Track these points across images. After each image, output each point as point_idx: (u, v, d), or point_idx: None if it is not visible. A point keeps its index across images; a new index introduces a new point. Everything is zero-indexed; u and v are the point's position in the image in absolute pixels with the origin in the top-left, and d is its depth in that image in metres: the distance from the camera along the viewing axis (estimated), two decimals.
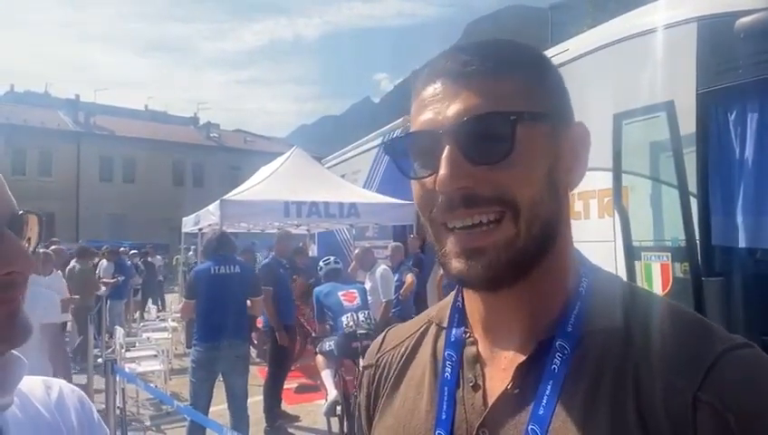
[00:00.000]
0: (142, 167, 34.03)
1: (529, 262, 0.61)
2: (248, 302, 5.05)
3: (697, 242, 3.01)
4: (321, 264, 6.10)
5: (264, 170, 9.16)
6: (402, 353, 0.77)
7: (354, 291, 5.54)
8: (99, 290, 9.41)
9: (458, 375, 0.67)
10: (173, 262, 21.01)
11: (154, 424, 6.04)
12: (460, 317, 0.72)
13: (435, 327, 0.75)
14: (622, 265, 3.30)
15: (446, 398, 0.66)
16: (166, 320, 10.29)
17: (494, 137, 0.58)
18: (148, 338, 8.67)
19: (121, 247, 14.82)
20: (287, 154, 9.16)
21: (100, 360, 6.69)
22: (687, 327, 0.59)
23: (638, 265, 3.34)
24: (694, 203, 3.04)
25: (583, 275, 0.65)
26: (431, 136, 0.60)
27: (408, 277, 6.70)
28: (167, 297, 15.71)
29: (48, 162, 31.37)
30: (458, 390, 0.66)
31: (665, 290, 3.24)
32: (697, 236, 3.01)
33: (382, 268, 6.53)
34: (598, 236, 3.54)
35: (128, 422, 5.23)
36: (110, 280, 10.34)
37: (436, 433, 0.65)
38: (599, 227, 3.61)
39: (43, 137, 30.77)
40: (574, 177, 0.65)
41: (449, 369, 0.68)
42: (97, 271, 10.47)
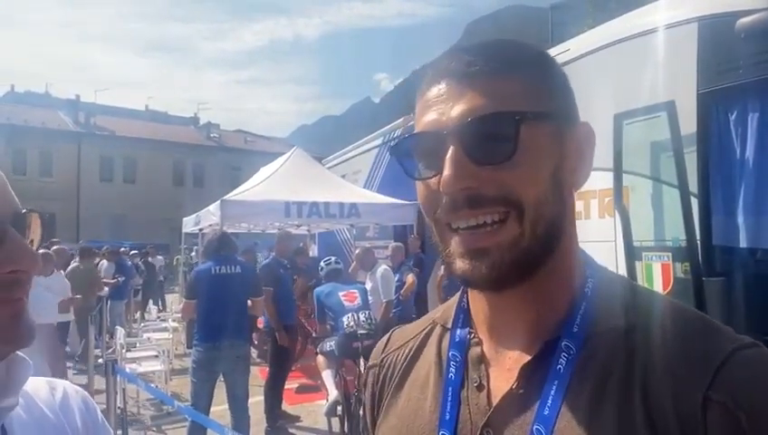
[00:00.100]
0: (143, 167, 34.06)
1: (534, 262, 0.61)
2: (249, 302, 5.06)
3: (698, 242, 3.01)
4: (321, 264, 6.10)
5: (265, 171, 9.16)
6: (407, 354, 0.77)
7: (355, 291, 5.54)
8: (102, 290, 9.41)
9: (463, 376, 0.67)
10: (173, 262, 21.02)
11: (155, 424, 6.04)
12: (465, 318, 0.72)
13: (439, 328, 0.75)
14: (623, 265, 3.30)
15: (450, 398, 0.66)
16: (166, 320, 10.30)
17: (498, 137, 0.58)
18: (148, 338, 8.67)
19: (122, 248, 14.84)
20: (288, 154, 9.16)
21: (100, 360, 6.70)
22: (695, 327, 0.59)
23: (638, 266, 3.34)
24: (695, 203, 3.04)
25: (589, 276, 0.65)
26: (435, 137, 0.60)
27: (409, 277, 6.70)
28: (167, 297, 15.72)
29: (48, 162, 31.40)
30: (463, 390, 0.66)
31: (666, 290, 3.23)
32: (698, 236, 3.01)
33: (383, 268, 6.53)
34: (598, 236, 3.54)
35: (128, 423, 5.23)
36: (110, 280, 10.35)
37: (440, 433, 0.65)
38: (599, 227, 3.61)
39: (44, 137, 30.78)
40: (579, 176, 0.65)
41: (453, 369, 0.68)
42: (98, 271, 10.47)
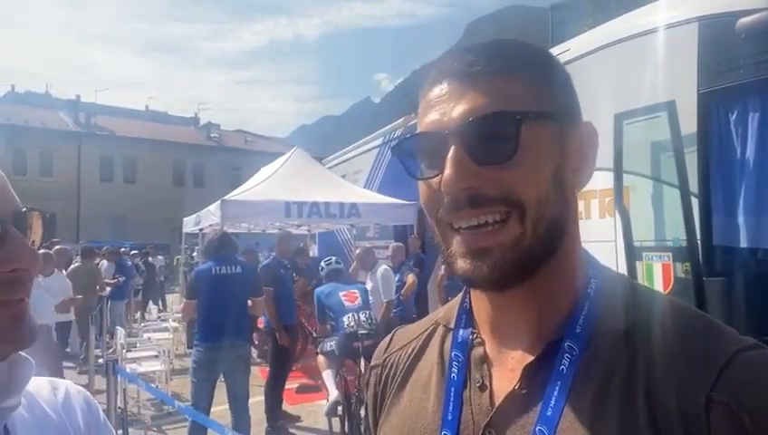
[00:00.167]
0: (143, 167, 34.07)
1: (535, 261, 0.60)
2: (249, 302, 5.06)
3: (699, 242, 3.00)
4: (322, 264, 6.09)
5: (265, 171, 9.16)
6: (409, 354, 0.77)
7: (355, 291, 5.54)
8: (105, 289, 9.41)
9: (465, 376, 0.67)
10: (174, 262, 21.01)
11: (155, 424, 6.04)
12: (467, 318, 0.72)
13: (442, 328, 0.75)
14: (623, 265, 3.30)
15: (452, 398, 0.66)
16: (167, 320, 10.29)
17: (500, 137, 0.58)
18: (149, 338, 8.66)
19: (122, 248, 14.84)
20: (288, 154, 9.16)
21: (101, 360, 6.70)
22: (698, 328, 0.59)
23: (639, 265, 3.34)
24: (695, 203, 3.04)
25: (592, 276, 0.65)
26: (437, 137, 0.60)
27: (410, 277, 6.70)
28: (168, 297, 15.71)
29: (49, 163, 31.41)
30: (465, 390, 0.66)
31: (666, 290, 3.23)
32: (699, 236, 3.01)
33: (383, 268, 6.53)
34: (599, 236, 3.54)
35: (129, 423, 5.23)
36: (110, 281, 10.35)
37: (443, 433, 0.65)
38: (600, 227, 3.61)
39: (44, 137, 30.79)
40: (582, 176, 0.65)
41: (456, 369, 0.68)
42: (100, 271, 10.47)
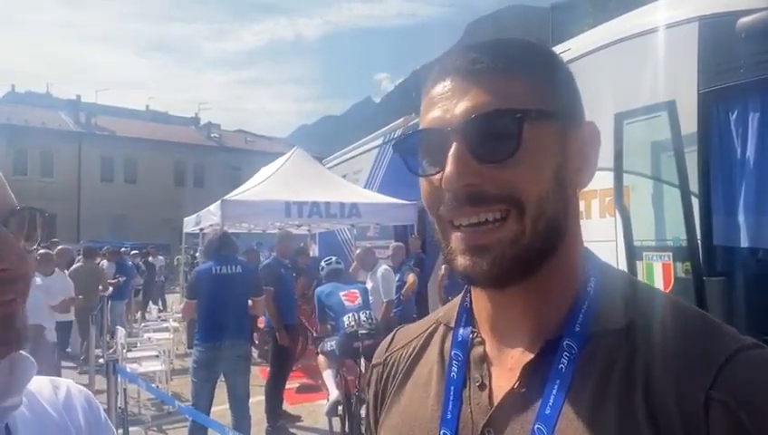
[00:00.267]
0: (143, 167, 34.07)
1: (535, 259, 0.61)
2: (250, 302, 5.06)
3: (699, 242, 3.00)
4: (322, 264, 6.09)
5: (265, 171, 9.16)
6: (410, 353, 0.77)
7: (356, 291, 5.54)
8: (107, 289, 9.41)
9: (465, 375, 0.67)
10: (174, 262, 21.02)
11: (155, 424, 6.04)
12: (468, 317, 0.72)
13: (443, 327, 0.75)
14: (624, 264, 3.30)
15: (451, 397, 0.66)
16: (167, 320, 10.29)
17: (501, 135, 0.58)
18: (149, 338, 8.67)
19: (122, 248, 14.85)
20: (288, 154, 9.16)
21: (101, 360, 6.71)
22: (697, 326, 0.59)
23: (639, 265, 3.34)
24: (695, 203, 3.04)
25: (591, 274, 0.65)
26: (439, 133, 0.60)
27: (410, 277, 6.70)
28: (168, 298, 15.71)
29: (49, 163, 31.40)
30: (464, 389, 0.66)
31: (666, 290, 3.23)
32: (699, 236, 3.01)
33: (383, 268, 6.53)
34: (599, 235, 3.54)
35: (129, 422, 5.23)
36: (111, 280, 10.36)
37: (442, 432, 0.65)
38: (600, 227, 3.61)
39: (45, 137, 30.78)
40: (583, 176, 0.65)
41: (456, 368, 0.68)
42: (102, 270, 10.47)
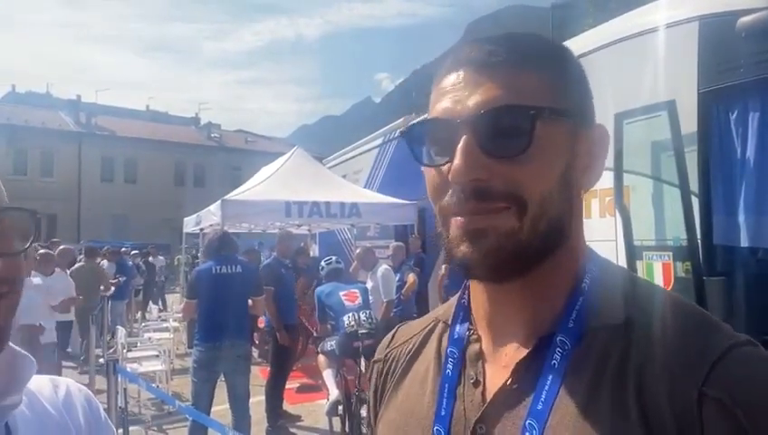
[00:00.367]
0: (143, 167, 34.06)
1: (533, 257, 0.60)
2: (250, 302, 5.06)
3: (699, 241, 3.00)
4: (322, 263, 6.09)
5: (266, 170, 9.16)
6: (409, 350, 0.78)
7: (356, 291, 5.54)
8: (109, 289, 9.41)
9: (460, 372, 0.67)
10: (174, 262, 21.01)
11: (156, 424, 6.05)
12: (465, 314, 0.72)
13: (442, 325, 0.76)
14: (624, 264, 3.30)
15: (446, 394, 0.66)
16: (167, 320, 10.29)
17: (513, 131, 0.58)
18: (149, 338, 8.68)
19: (123, 248, 14.85)
20: (288, 154, 9.16)
21: (102, 360, 6.71)
22: (692, 322, 0.58)
23: (639, 265, 3.34)
24: (695, 202, 3.03)
25: (588, 271, 0.65)
26: (449, 124, 0.60)
27: (410, 277, 6.70)
28: (168, 297, 15.71)
29: (49, 163, 31.39)
30: (459, 386, 0.66)
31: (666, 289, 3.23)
32: (699, 236, 3.00)
33: (383, 268, 6.54)
34: (599, 235, 3.54)
35: (129, 422, 5.23)
36: (111, 280, 10.36)
37: (435, 429, 0.65)
38: (600, 227, 3.60)
39: (45, 137, 30.78)
40: (589, 178, 0.65)
41: (451, 365, 0.68)
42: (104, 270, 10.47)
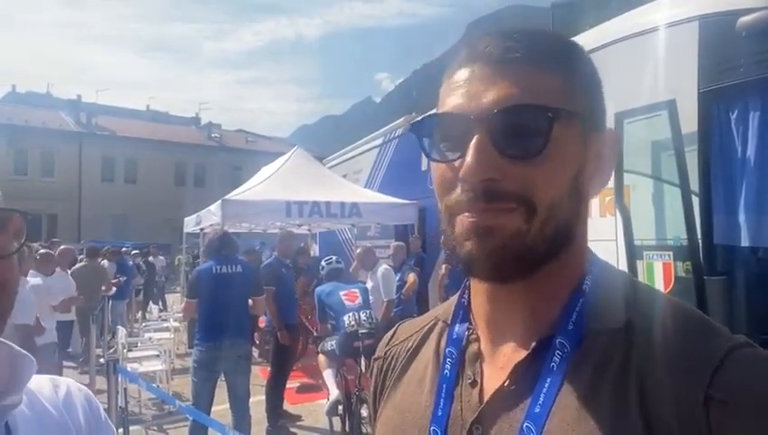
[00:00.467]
0: (144, 167, 34.06)
1: (538, 259, 0.59)
2: (250, 301, 5.06)
3: (699, 241, 3.00)
4: (323, 263, 6.09)
5: (266, 170, 9.16)
6: (409, 348, 0.77)
7: (356, 290, 5.54)
8: (111, 289, 9.40)
9: (458, 372, 0.67)
10: (175, 262, 21.01)
11: (156, 424, 6.05)
12: (464, 314, 0.71)
13: (441, 324, 0.75)
14: (624, 264, 3.30)
15: (443, 394, 0.66)
16: (168, 320, 10.30)
17: (529, 131, 0.56)
18: (150, 338, 8.68)
19: (123, 248, 14.85)
20: (289, 154, 9.15)
21: (102, 360, 6.71)
22: (692, 326, 0.58)
23: (639, 264, 3.34)
24: (696, 202, 3.04)
25: (588, 273, 0.64)
26: (462, 120, 0.58)
27: (410, 277, 6.70)
28: (168, 297, 15.71)
29: (50, 163, 31.38)
30: (457, 387, 0.66)
31: (667, 289, 3.23)
32: (699, 235, 3.01)
33: (384, 268, 6.53)
34: (600, 235, 3.54)
35: (130, 422, 5.23)
36: (112, 280, 10.36)
37: (432, 429, 0.65)
38: (601, 226, 3.60)
39: (45, 137, 30.75)
40: (598, 182, 0.64)
41: (449, 366, 0.68)
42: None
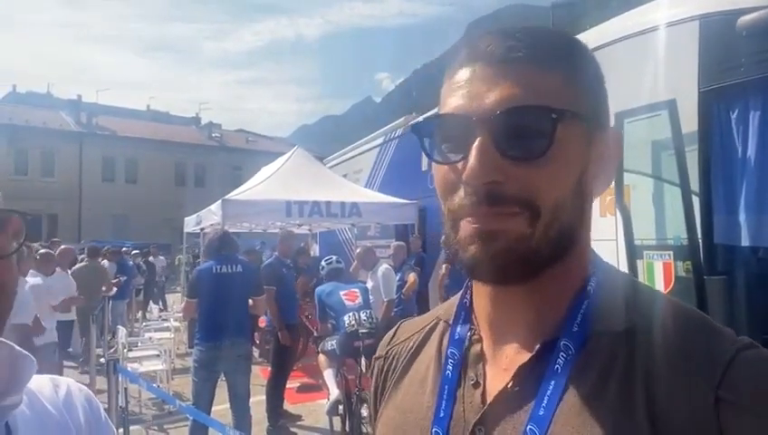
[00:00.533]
0: (144, 167, 34.05)
1: (542, 262, 0.59)
2: (250, 301, 5.06)
3: (700, 241, 3.00)
4: (323, 263, 6.08)
5: (266, 170, 9.15)
6: (410, 347, 0.77)
7: (356, 290, 5.54)
8: (111, 288, 9.40)
9: (460, 373, 0.66)
10: (175, 262, 21.02)
11: (156, 424, 6.05)
12: (466, 315, 0.71)
13: (443, 324, 0.74)
14: (624, 263, 3.30)
15: (445, 395, 0.65)
16: (168, 320, 10.30)
17: (532, 133, 0.55)
18: (150, 338, 8.67)
19: (123, 248, 14.85)
20: (289, 154, 9.14)
21: (102, 360, 6.71)
22: (697, 328, 0.58)
23: (640, 264, 3.34)
24: (696, 201, 3.04)
25: (593, 275, 0.63)
26: (464, 121, 0.57)
27: (411, 277, 6.70)
28: (169, 297, 15.71)
29: (50, 163, 31.37)
30: (459, 388, 0.65)
31: (667, 289, 3.23)
32: (700, 235, 3.00)
33: (384, 267, 6.53)
34: (600, 234, 3.53)
35: (130, 422, 5.23)
36: (112, 280, 10.36)
37: (433, 431, 0.64)
38: (601, 226, 3.60)
39: (46, 137, 30.75)
40: (602, 183, 0.63)
41: (451, 367, 0.67)
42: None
